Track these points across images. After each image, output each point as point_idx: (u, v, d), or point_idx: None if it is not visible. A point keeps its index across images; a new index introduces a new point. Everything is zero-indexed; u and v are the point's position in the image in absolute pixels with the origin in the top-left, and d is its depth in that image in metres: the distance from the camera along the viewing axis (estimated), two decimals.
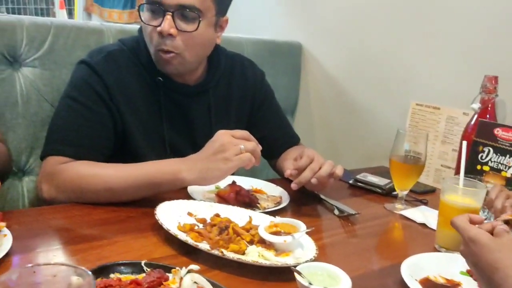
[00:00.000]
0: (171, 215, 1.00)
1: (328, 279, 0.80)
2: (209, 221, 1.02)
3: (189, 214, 1.05)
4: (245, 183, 1.30)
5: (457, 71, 1.64)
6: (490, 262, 0.71)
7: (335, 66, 2.06)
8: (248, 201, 1.18)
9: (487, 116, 1.45)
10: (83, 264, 0.79)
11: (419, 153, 1.26)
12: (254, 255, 0.91)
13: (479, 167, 1.36)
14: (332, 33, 2.05)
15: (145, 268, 0.78)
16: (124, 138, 1.23)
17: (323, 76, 2.10)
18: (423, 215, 1.26)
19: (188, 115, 1.32)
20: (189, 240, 0.92)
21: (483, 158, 1.36)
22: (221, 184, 1.20)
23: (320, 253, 0.93)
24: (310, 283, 0.76)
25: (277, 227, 0.99)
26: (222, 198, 1.17)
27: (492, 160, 1.34)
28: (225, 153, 1.08)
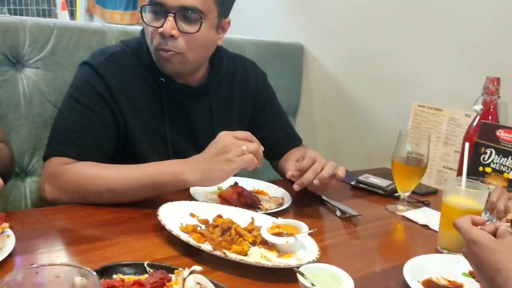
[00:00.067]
0: (173, 216, 1.00)
1: (331, 280, 0.80)
2: (211, 222, 1.02)
3: (192, 215, 1.05)
4: (247, 184, 1.29)
5: (459, 72, 1.64)
6: (492, 264, 0.71)
7: (337, 68, 2.06)
8: (250, 202, 1.18)
9: (489, 117, 1.45)
10: (85, 264, 0.78)
11: (421, 154, 1.26)
12: (257, 256, 0.91)
13: (481, 168, 1.36)
14: (334, 35, 2.05)
15: (148, 269, 0.79)
16: (127, 139, 1.23)
17: (325, 77, 2.10)
18: (425, 216, 1.26)
19: (190, 116, 1.32)
20: (191, 241, 0.92)
21: (485, 159, 1.36)
22: (223, 185, 1.20)
23: (322, 254, 0.93)
24: (312, 284, 0.76)
25: (279, 228, 0.99)
26: (224, 199, 1.17)
27: (494, 161, 1.34)
28: (228, 154, 1.08)
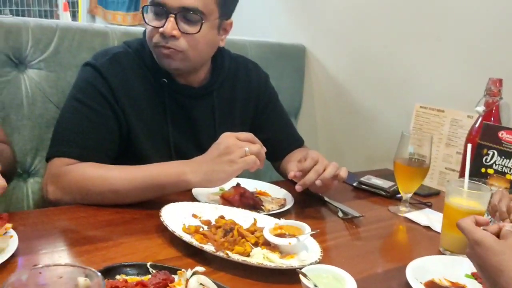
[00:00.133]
0: (176, 217, 1.00)
1: (333, 281, 0.80)
2: (214, 223, 1.02)
3: (194, 216, 1.05)
4: (249, 185, 1.29)
5: (461, 73, 1.64)
6: (495, 265, 0.71)
7: (339, 69, 2.06)
8: (253, 203, 1.18)
9: (492, 119, 1.45)
10: (88, 265, 0.78)
11: (423, 155, 1.26)
12: (259, 257, 0.91)
13: (483, 170, 1.36)
14: (336, 36, 2.05)
15: (150, 269, 0.79)
16: (129, 140, 1.23)
17: (327, 78, 2.10)
18: (428, 218, 1.26)
19: (192, 116, 1.32)
20: (194, 242, 0.92)
21: (488, 161, 1.36)
22: (226, 186, 1.20)
23: (325, 255, 0.93)
24: (315, 285, 0.76)
25: (282, 229, 0.99)
26: (226, 200, 1.17)
27: (497, 163, 1.34)
28: (230, 155, 1.08)
